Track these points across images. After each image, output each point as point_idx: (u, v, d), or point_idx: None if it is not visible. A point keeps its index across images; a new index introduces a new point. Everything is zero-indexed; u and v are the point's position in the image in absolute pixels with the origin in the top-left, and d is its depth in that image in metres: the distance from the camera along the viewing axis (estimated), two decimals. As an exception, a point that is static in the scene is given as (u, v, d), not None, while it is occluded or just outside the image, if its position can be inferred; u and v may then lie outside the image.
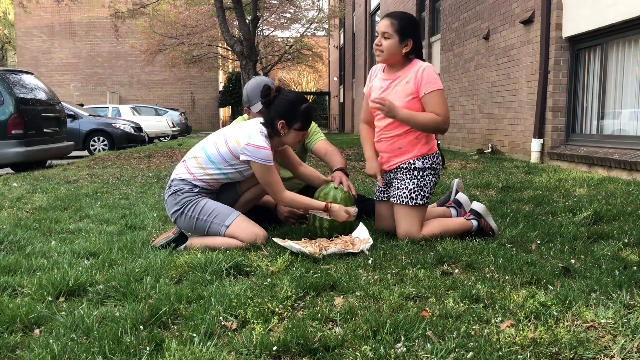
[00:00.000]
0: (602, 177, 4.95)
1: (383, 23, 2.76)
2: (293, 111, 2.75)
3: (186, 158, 2.85)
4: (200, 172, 2.77)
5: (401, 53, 2.77)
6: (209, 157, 2.76)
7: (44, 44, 30.75)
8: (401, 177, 2.85)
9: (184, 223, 2.78)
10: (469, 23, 9.25)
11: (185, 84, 32.09)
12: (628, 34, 5.62)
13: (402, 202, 2.81)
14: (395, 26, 2.72)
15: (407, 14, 2.83)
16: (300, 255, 2.47)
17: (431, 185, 2.85)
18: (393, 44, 2.73)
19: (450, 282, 2.09)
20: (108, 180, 5.92)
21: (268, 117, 2.78)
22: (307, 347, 1.56)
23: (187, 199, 2.75)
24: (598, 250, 2.52)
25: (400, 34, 2.72)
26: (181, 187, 2.78)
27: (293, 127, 2.77)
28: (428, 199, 2.84)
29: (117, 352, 1.54)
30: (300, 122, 2.77)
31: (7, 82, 7.51)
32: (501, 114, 7.96)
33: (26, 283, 2.15)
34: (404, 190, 2.82)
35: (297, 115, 2.76)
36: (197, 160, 2.79)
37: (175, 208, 2.78)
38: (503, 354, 1.49)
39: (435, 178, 2.88)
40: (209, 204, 2.76)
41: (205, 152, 2.78)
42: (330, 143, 3.37)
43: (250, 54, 11.01)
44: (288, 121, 2.75)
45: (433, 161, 2.86)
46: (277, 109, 2.74)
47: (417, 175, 2.82)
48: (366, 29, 21.53)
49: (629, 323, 1.67)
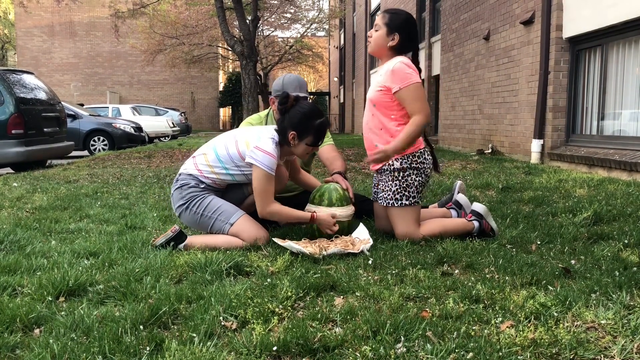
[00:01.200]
0: (602, 178, 4.95)
1: (378, 16, 2.84)
2: (306, 124, 2.72)
3: (196, 154, 2.87)
4: (207, 169, 2.79)
5: (387, 46, 2.78)
6: (217, 157, 2.77)
7: (44, 43, 30.77)
8: (385, 179, 2.85)
9: (187, 218, 2.80)
10: (470, 24, 9.25)
11: (185, 84, 32.11)
12: (628, 34, 5.62)
13: (388, 204, 2.81)
14: (386, 19, 2.78)
15: (402, 11, 2.86)
16: (300, 256, 2.47)
17: (416, 185, 2.79)
18: (379, 35, 2.79)
19: (450, 282, 2.09)
20: (108, 180, 5.92)
21: (281, 125, 2.76)
22: (307, 348, 1.56)
23: (193, 194, 2.77)
24: (598, 251, 2.52)
25: (389, 26, 2.76)
26: (188, 181, 2.80)
27: (304, 141, 2.74)
28: (415, 198, 2.80)
29: (117, 352, 1.54)
30: (312, 136, 2.74)
31: (7, 82, 7.51)
32: (501, 114, 7.96)
33: (26, 283, 2.14)
34: (388, 192, 2.81)
35: (309, 128, 2.73)
36: (206, 157, 2.80)
37: (180, 202, 2.79)
38: (503, 354, 1.49)
39: (420, 177, 2.80)
40: (214, 200, 2.77)
41: (215, 151, 2.79)
42: (336, 149, 3.40)
43: (251, 54, 11.01)
44: (300, 133, 2.72)
45: (414, 160, 2.78)
46: (291, 119, 2.72)
47: (398, 177, 2.79)
48: (366, 29, 21.53)
49: (629, 324, 1.67)
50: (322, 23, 23.13)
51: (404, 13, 2.84)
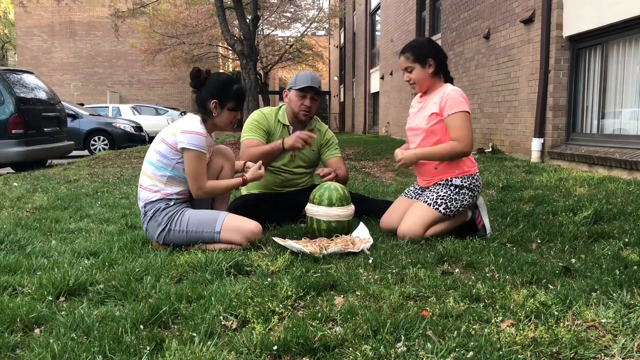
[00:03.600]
0: (603, 177, 4.95)
1: (400, 61, 2.92)
2: (226, 90, 2.74)
3: (140, 183, 2.76)
4: (159, 184, 2.69)
5: (429, 76, 2.86)
6: (155, 166, 2.69)
7: (44, 43, 30.75)
8: (435, 186, 2.88)
9: (174, 238, 2.69)
10: (470, 22, 9.25)
11: (185, 83, 32.01)
12: (629, 33, 5.62)
13: (424, 201, 2.83)
14: (411, 57, 2.85)
15: (416, 39, 2.97)
16: (300, 255, 2.47)
17: (464, 204, 2.84)
18: (417, 72, 2.86)
19: (451, 281, 2.09)
20: (108, 180, 5.92)
21: (200, 98, 2.76)
22: (307, 347, 1.55)
23: (169, 214, 2.67)
24: (598, 249, 2.52)
25: (419, 60, 2.84)
26: (157, 206, 2.68)
27: (226, 107, 2.75)
28: (452, 212, 2.82)
29: (118, 352, 1.54)
30: (233, 101, 2.76)
31: (7, 82, 7.51)
32: (502, 113, 7.95)
33: (26, 282, 2.15)
34: (433, 194, 2.84)
35: (229, 94, 2.75)
36: (147, 175, 2.71)
37: (160, 229, 2.68)
38: (503, 353, 1.49)
39: (470, 199, 2.86)
40: (192, 214, 2.69)
41: (149, 163, 2.71)
42: (344, 163, 3.45)
43: (251, 53, 11.01)
44: (221, 100, 2.73)
45: (472, 182, 2.85)
46: (209, 88, 2.74)
47: (453, 190, 2.83)
48: (366, 28, 21.52)
49: (630, 322, 1.67)
50: (322, 22, 23.11)
51: (418, 40, 2.95)
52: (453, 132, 2.76)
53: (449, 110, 2.76)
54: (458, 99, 2.76)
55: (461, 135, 2.74)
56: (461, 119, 2.75)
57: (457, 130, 2.74)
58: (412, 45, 2.90)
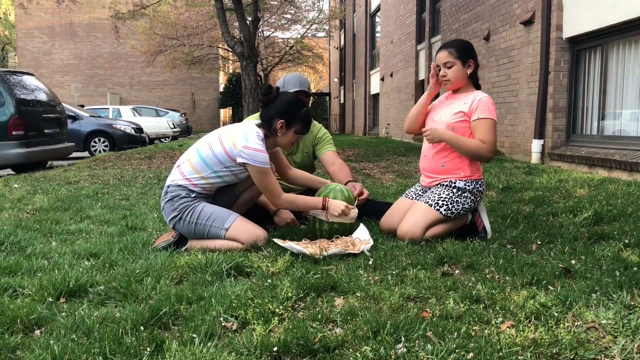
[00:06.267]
0: (603, 178, 4.95)
1: (441, 55, 2.88)
2: (294, 112, 2.75)
3: (180, 163, 2.81)
4: (195, 176, 2.73)
5: (466, 76, 2.87)
6: (203, 160, 2.71)
7: (44, 45, 30.80)
8: (439, 190, 2.87)
9: (183, 228, 2.74)
10: (470, 24, 9.26)
11: (185, 85, 32.13)
12: (628, 34, 5.62)
13: (425, 202, 2.84)
14: (454, 54, 2.84)
15: (458, 39, 2.97)
16: (300, 256, 2.47)
17: (465, 207, 2.84)
18: (457, 70, 2.85)
19: (451, 282, 2.09)
20: (109, 182, 5.92)
21: (267, 115, 2.77)
22: (307, 348, 1.56)
23: (185, 204, 2.71)
24: (598, 251, 2.52)
25: (461, 58, 2.84)
26: (178, 192, 2.73)
27: (292, 129, 2.76)
28: (453, 214, 2.82)
29: (118, 353, 1.54)
30: (299, 124, 2.77)
31: (7, 83, 7.51)
32: (502, 114, 7.96)
33: (27, 284, 2.15)
34: (435, 195, 2.84)
35: (298, 117, 2.76)
36: (191, 163, 2.74)
37: (173, 214, 2.73)
38: (503, 354, 1.49)
39: (472, 203, 2.86)
40: (206, 207, 2.72)
41: (198, 154, 2.73)
42: (339, 156, 3.41)
43: (251, 55, 11.02)
44: (288, 121, 2.74)
45: (475, 186, 2.86)
46: (279, 108, 2.74)
47: (455, 192, 2.83)
48: (366, 30, 21.54)
49: (630, 324, 1.67)
50: (322, 24, 23.14)
51: (464, 41, 2.95)
52: (481, 135, 2.78)
53: (479, 114, 2.78)
54: (490, 107, 2.80)
55: (488, 139, 2.77)
56: (490, 125, 2.78)
57: (485, 134, 2.77)
58: (457, 42, 2.91)
